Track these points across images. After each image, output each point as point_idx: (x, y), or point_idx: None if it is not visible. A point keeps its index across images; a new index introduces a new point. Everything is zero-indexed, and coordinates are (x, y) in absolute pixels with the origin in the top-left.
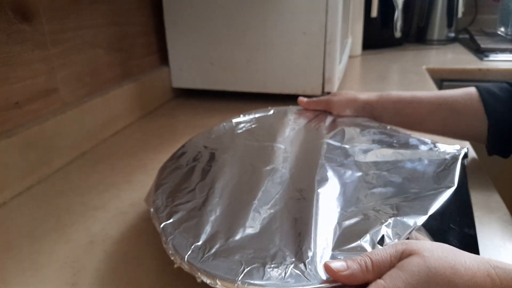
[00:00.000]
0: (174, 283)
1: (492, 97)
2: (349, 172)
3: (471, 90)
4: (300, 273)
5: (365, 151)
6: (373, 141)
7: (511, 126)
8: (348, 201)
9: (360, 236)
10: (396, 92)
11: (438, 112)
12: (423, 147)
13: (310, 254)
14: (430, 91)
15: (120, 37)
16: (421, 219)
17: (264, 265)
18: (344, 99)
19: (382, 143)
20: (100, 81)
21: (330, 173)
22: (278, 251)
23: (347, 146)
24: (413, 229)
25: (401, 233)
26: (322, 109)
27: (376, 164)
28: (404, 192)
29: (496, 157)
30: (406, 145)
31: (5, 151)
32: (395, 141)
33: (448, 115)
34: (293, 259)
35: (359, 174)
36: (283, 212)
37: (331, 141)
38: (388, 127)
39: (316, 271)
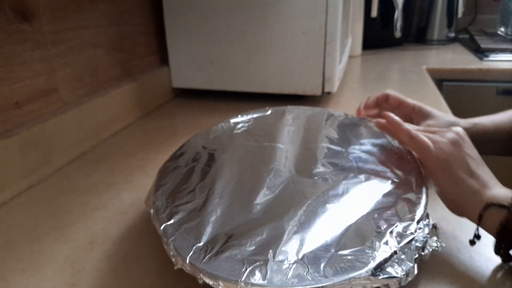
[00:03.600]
0: (175, 284)
1: None
2: (350, 175)
3: None
4: (303, 273)
5: (365, 161)
6: (373, 145)
7: None
8: (350, 203)
9: (363, 238)
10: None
11: None
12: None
13: (312, 253)
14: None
15: (120, 37)
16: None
17: (266, 265)
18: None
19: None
20: (100, 81)
21: (331, 174)
22: (280, 250)
23: (348, 151)
24: (413, 236)
25: (403, 238)
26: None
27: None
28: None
29: (495, 158)
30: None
31: (5, 151)
32: (395, 156)
33: None
34: (296, 259)
35: (361, 177)
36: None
37: (332, 145)
38: (390, 138)
39: (319, 271)
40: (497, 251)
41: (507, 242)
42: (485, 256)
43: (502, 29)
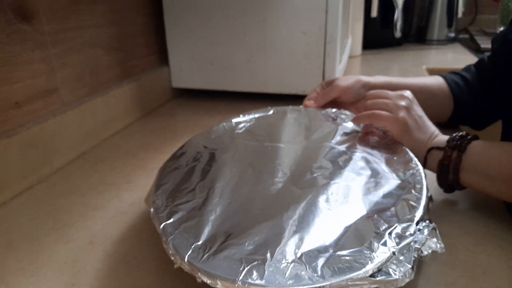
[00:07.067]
0: (174, 283)
1: (455, 84)
2: (351, 175)
3: (440, 78)
4: (301, 273)
5: (366, 161)
6: (375, 145)
7: (469, 106)
8: (350, 203)
9: (361, 239)
10: (385, 76)
11: (419, 94)
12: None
13: (310, 253)
14: (409, 78)
15: (120, 37)
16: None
17: (264, 264)
18: (351, 81)
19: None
20: (100, 81)
21: (331, 174)
22: (279, 250)
23: (349, 150)
24: (413, 237)
25: (402, 239)
26: (333, 99)
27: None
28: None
29: None
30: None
31: (5, 151)
32: (395, 158)
33: (427, 96)
34: (294, 258)
35: (362, 177)
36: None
37: (333, 145)
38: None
39: (317, 271)
40: (439, 183)
41: (444, 174)
42: (485, 256)
43: (502, 29)
